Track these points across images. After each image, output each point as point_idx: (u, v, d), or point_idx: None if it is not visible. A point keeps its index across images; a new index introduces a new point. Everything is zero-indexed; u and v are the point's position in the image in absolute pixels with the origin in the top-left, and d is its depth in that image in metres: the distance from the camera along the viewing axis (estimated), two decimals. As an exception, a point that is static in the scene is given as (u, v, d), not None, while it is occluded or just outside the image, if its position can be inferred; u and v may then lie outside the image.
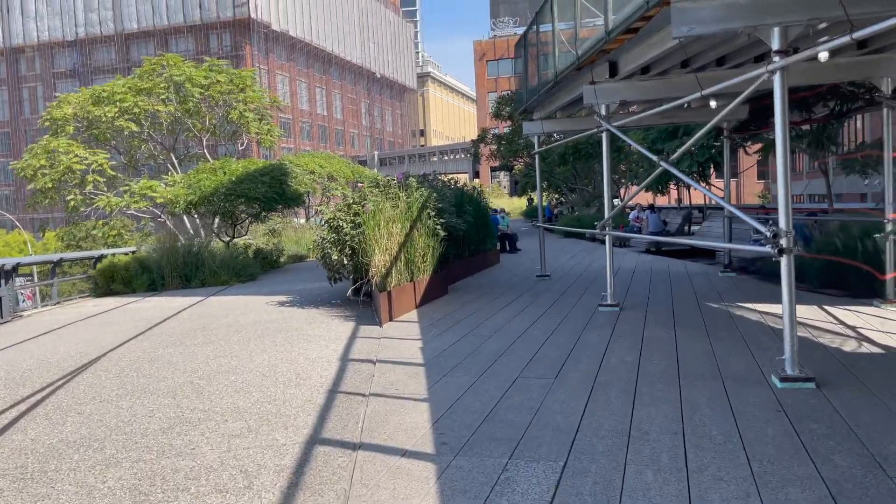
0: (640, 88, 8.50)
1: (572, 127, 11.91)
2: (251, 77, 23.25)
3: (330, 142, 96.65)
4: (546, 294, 10.51)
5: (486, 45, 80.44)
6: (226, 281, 15.89)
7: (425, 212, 10.36)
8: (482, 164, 59.55)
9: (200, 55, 55.32)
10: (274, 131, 24.07)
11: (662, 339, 6.86)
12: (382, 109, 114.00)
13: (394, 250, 9.33)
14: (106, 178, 20.20)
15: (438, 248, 10.47)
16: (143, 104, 20.34)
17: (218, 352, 7.54)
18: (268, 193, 17.98)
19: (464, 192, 13.98)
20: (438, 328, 8.06)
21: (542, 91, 10.34)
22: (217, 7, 79.26)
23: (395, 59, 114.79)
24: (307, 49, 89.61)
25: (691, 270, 12.80)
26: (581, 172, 31.81)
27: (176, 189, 18.00)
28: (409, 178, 11.12)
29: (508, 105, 29.50)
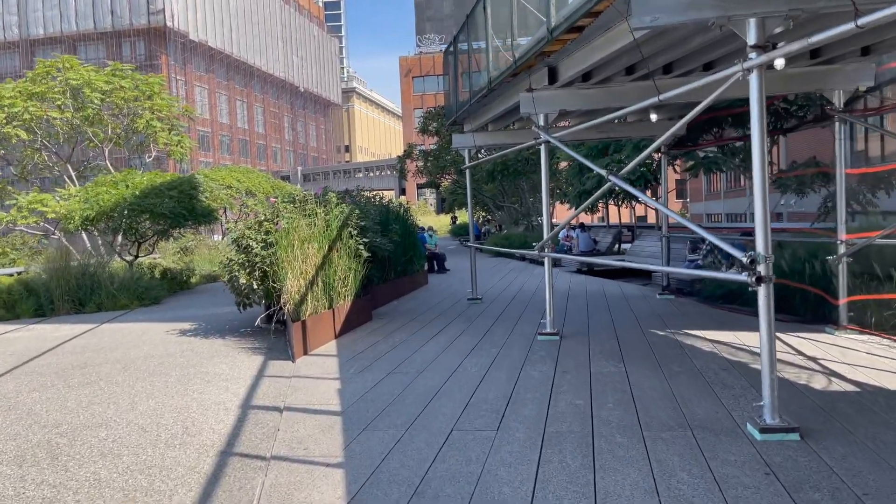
0: (582, 97, 7.83)
1: (506, 140, 11.18)
2: (159, 84, 21.59)
3: (251, 156, 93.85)
4: (479, 320, 9.66)
5: (411, 61, 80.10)
6: (126, 305, 14.35)
7: (346, 230, 9.36)
8: (408, 181, 58.75)
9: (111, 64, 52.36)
10: (185, 142, 22.40)
11: (612, 375, 6.10)
12: (306, 124, 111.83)
13: (310, 274, 8.28)
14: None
15: (361, 270, 9.48)
16: (34, 110, 18.41)
17: (94, 396, 6.28)
18: (176, 209, 16.48)
19: (389, 210, 13.05)
20: (360, 363, 7.06)
21: (475, 100, 9.57)
22: (130, 14, 75.84)
23: (320, 74, 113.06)
24: (227, 60, 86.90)
25: (628, 293, 12.28)
26: (508, 190, 31.46)
27: (71, 203, 16.26)
28: (329, 192, 10.10)
29: (435, 120, 28.85)
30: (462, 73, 10.96)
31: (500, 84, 8.51)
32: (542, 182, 7.92)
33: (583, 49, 6.84)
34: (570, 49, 6.93)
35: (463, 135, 11.38)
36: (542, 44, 6.57)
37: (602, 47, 6.49)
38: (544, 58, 7.17)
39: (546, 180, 7.90)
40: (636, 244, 16.41)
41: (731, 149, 12.78)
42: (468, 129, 11.52)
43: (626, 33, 5.89)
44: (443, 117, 28.78)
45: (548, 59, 7.28)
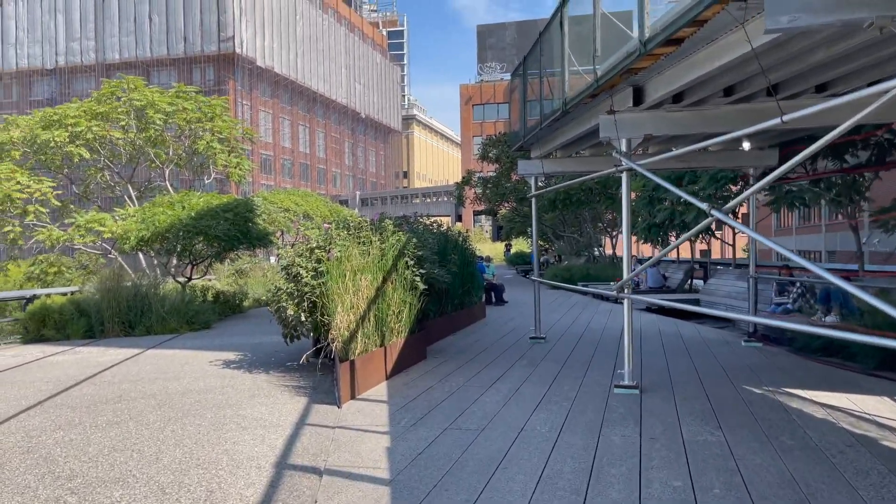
0: (670, 121, 6.96)
1: (575, 168, 10.34)
2: (221, 106, 21.60)
3: (311, 180, 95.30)
4: (545, 364, 8.76)
5: (472, 88, 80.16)
6: (175, 329, 14.02)
7: (402, 261, 8.65)
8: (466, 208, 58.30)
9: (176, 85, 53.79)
10: (244, 164, 22.30)
11: (711, 446, 5.13)
12: (366, 150, 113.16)
13: (361, 308, 7.57)
14: (50, 208, 18.23)
15: (416, 304, 8.74)
16: (98, 130, 18.55)
17: (119, 441, 5.67)
18: (230, 231, 16.16)
19: (448, 238, 12.32)
20: (412, 414, 6.26)
21: (546, 123, 8.79)
22: (202, 41, 78.39)
23: (381, 101, 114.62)
24: (292, 86, 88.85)
25: (707, 337, 11.16)
26: (568, 220, 30.44)
27: (128, 223, 16.13)
28: (385, 219, 9.43)
29: (495, 147, 28.18)
30: (530, 99, 10.21)
31: (577, 106, 7.70)
32: (623, 214, 7.04)
33: (677, 66, 5.99)
34: (662, 66, 6.09)
35: (529, 161, 10.59)
36: (631, 59, 5.75)
37: (701, 63, 5.63)
38: (630, 76, 6.34)
39: (627, 212, 7.01)
40: (712, 283, 15.21)
41: (827, 183, 11.61)
42: (535, 155, 10.73)
43: (734, 46, 5.03)
44: (503, 144, 28.09)
45: (634, 78, 6.45)
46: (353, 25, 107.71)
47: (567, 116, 8.42)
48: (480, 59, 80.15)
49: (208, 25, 77.61)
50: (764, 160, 9.68)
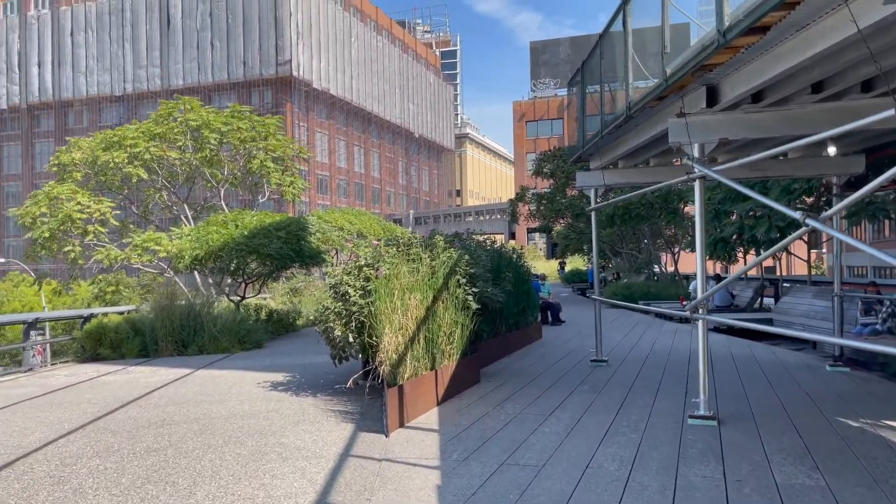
0: (749, 123, 6.30)
1: (639, 179, 9.70)
2: (275, 125, 21.71)
3: (366, 200, 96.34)
4: (609, 390, 8.11)
5: (525, 105, 79.70)
6: (227, 348, 13.86)
7: (454, 279, 8.17)
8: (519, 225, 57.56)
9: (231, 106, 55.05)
10: (297, 183, 22.35)
11: (810, 491, 4.44)
12: (420, 169, 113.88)
13: (410, 328, 7.12)
14: (109, 228, 18.54)
15: (469, 324, 8.24)
16: (155, 150, 18.85)
17: (154, 471, 5.33)
18: (282, 250, 16.04)
19: (502, 255, 11.79)
20: (465, 445, 5.74)
21: (606, 131, 8.22)
22: (260, 65, 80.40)
23: (434, 120, 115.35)
24: (347, 108, 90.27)
25: (786, 360, 10.27)
26: (626, 235, 29.48)
27: (182, 242, 16.19)
28: (436, 235, 8.99)
29: (550, 162, 27.57)
30: (589, 115, 9.65)
31: (642, 110, 7.12)
32: (696, 226, 6.40)
33: (759, 59, 5.37)
34: (740, 61, 5.48)
35: (589, 173, 10.00)
36: (707, 53, 5.17)
37: (788, 55, 5.00)
38: (704, 73, 5.74)
39: (701, 224, 6.37)
40: (786, 302, 14.20)
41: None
42: (595, 166, 10.13)
43: (830, 31, 4.40)
44: (558, 158, 27.46)
45: (708, 76, 5.85)
46: (407, 46, 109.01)
47: (630, 122, 7.84)
48: (534, 75, 79.68)
49: (266, 49, 79.63)
50: (849, 167, 8.85)
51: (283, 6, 78.62)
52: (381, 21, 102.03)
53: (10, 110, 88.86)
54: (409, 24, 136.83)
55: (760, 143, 8.79)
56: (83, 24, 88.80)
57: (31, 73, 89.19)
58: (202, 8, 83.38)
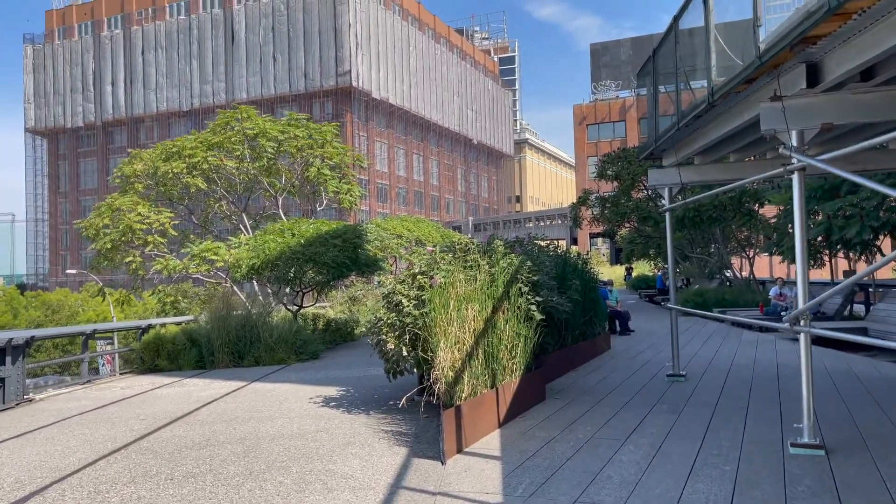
0: (859, 105, 5.43)
1: (718, 176, 8.79)
2: (332, 132, 21.50)
3: (426, 207, 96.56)
4: (690, 411, 7.27)
5: (586, 108, 78.12)
6: (283, 359, 13.58)
7: (515, 287, 7.51)
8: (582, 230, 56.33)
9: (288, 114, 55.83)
10: (354, 191, 22.07)
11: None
12: (479, 175, 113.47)
13: (468, 342, 6.49)
14: (168, 238, 18.63)
15: (533, 337, 7.55)
16: (213, 160, 18.86)
17: (191, 499, 4.87)
18: (338, 258, 15.70)
19: (567, 261, 11.05)
20: (531, 477, 5.07)
21: (684, 122, 7.41)
22: (321, 77, 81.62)
23: (493, 127, 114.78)
24: (406, 116, 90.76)
25: (892, 376, 9.15)
26: (696, 239, 28.08)
27: (240, 252, 16.05)
28: (495, 240, 8.35)
29: (614, 164, 26.50)
30: (664, 114, 8.82)
31: (725, 97, 6.31)
32: (795, 223, 5.55)
33: (874, 27, 4.54)
34: (850, 30, 4.65)
35: (662, 170, 9.15)
36: (812, 20, 4.38)
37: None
38: (805, 47, 4.93)
39: (801, 220, 5.52)
40: (881, 309, 12.93)
41: None
42: (668, 163, 9.29)
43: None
44: (623, 160, 26.36)
45: (810, 50, 5.03)
46: (465, 53, 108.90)
47: (711, 112, 7.02)
48: (594, 77, 78.03)
49: (327, 61, 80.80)
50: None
51: (343, 18, 79.67)
52: (439, 29, 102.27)
53: (87, 127, 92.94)
54: (466, 32, 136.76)
55: (858, 133, 7.82)
56: (153, 43, 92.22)
57: (104, 91, 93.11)
58: (265, 22, 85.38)
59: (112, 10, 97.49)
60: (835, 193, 13.70)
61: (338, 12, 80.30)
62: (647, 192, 26.61)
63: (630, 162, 25.54)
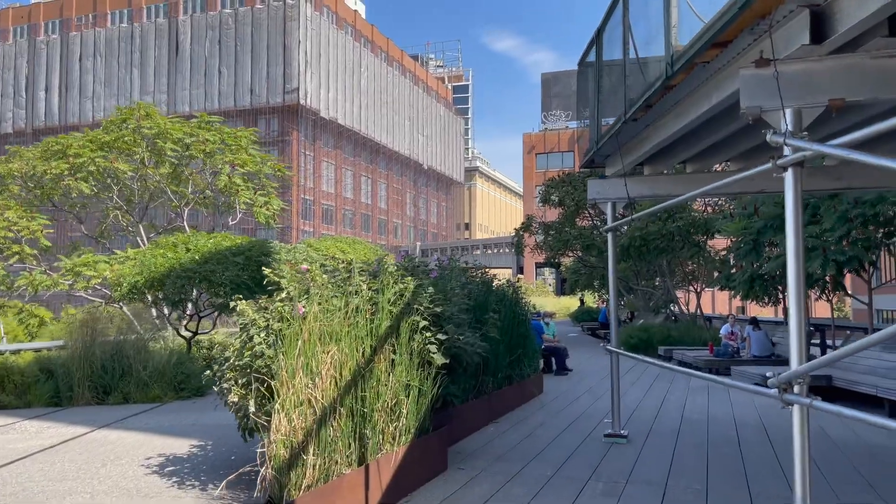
0: (881, 73, 3.76)
1: (673, 190, 7.10)
2: (248, 138, 19.35)
3: (373, 231, 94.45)
4: (634, 491, 5.43)
5: (535, 137, 77.83)
6: (158, 396, 11.39)
7: (408, 321, 5.60)
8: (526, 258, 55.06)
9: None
10: (273, 203, 19.84)
11: None
12: (428, 201, 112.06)
13: (321, 401, 4.53)
14: (40, 249, 16.11)
15: (430, 388, 5.64)
16: (102, 161, 16.49)
17: None
18: (238, 278, 13.53)
19: (490, 289, 9.22)
20: None
21: (632, 112, 5.68)
22: (268, 93, 79.30)
23: (444, 153, 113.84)
24: (355, 137, 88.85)
25: (872, 441, 7.52)
26: (642, 270, 26.77)
27: (124, 268, 13.73)
28: (386, 259, 6.48)
29: (558, 189, 25.06)
30: (611, 76, 7.09)
31: (691, 68, 4.60)
32: (789, 240, 3.81)
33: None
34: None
35: (605, 181, 7.43)
36: None
37: None
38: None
39: (797, 232, 3.79)
40: (841, 352, 11.47)
41: None
42: (613, 172, 7.58)
43: None
44: (567, 185, 24.97)
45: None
46: (418, 78, 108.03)
47: (668, 98, 5.31)
48: (545, 107, 77.85)
49: (274, 77, 78.56)
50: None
51: (292, 35, 77.67)
52: (392, 52, 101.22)
53: (16, 134, 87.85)
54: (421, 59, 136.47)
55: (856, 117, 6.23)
56: (92, 50, 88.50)
57: (37, 97, 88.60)
58: (211, 35, 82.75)
59: (50, 14, 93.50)
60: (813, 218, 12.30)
61: (287, 28, 78.27)
62: (592, 220, 25.24)
63: (574, 187, 24.13)
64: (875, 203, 11.09)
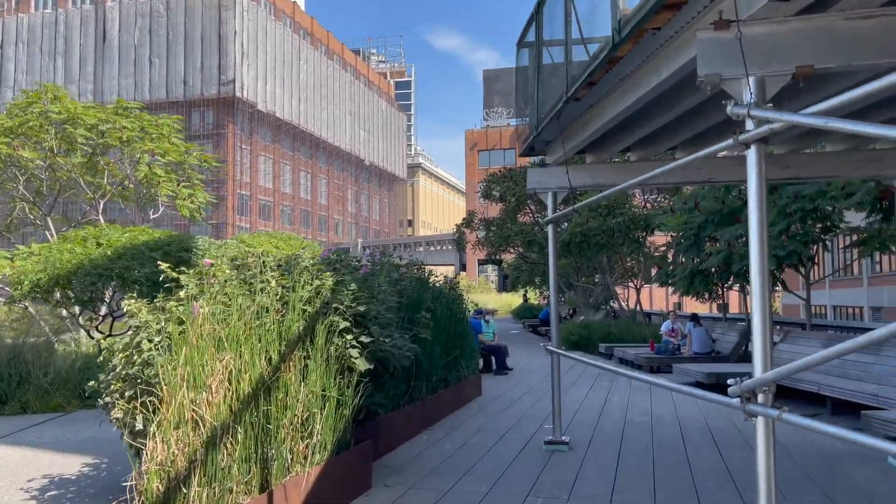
0: (854, 37, 3.30)
1: (617, 179, 6.63)
2: (171, 126, 18.15)
3: (313, 227, 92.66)
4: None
5: (478, 134, 77.69)
6: (60, 405, 10.39)
7: (324, 322, 4.93)
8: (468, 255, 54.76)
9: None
10: (198, 196, 18.66)
11: None
12: (370, 197, 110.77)
13: (209, 420, 3.81)
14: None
15: (352, 397, 4.99)
16: (4, 148, 15.05)
17: None
18: (155, 275, 12.47)
19: (426, 286, 8.61)
20: None
21: (574, 89, 5.15)
22: (202, 84, 76.75)
23: (386, 149, 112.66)
24: (294, 132, 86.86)
25: (824, 444, 7.23)
26: (582, 267, 26.65)
27: (26, 264, 12.50)
28: (301, 254, 5.81)
29: (500, 184, 24.68)
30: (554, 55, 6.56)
31: (640, 35, 4.07)
32: (752, 228, 3.32)
33: None
34: None
35: (546, 170, 6.90)
36: None
37: None
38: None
39: (761, 222, 3.30)
40: (783, 350, 11.34)
41: None
42: (553, 160, 7.06)
43: None
44: (509, 180, 24.61)
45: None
46: (359, 73, 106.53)
47: (613, 74, 4.79)
48: (487, 104, 77.77)
49: (209, 69, 76.07)
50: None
51: (228, 25, 75.23)
52: (333, 46, 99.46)
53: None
54: (363, 53, 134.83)
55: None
56: (13, 37, 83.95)
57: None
58: (141, 23, 79.48)
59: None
60: (734, 218, 12.14)
61: (222, 18, 75.78)
62: (533, 216, 24.96)
63: (516, 183, 23.79)
64: (815, 197, 10.99)
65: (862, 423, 7.40)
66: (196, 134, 72.47)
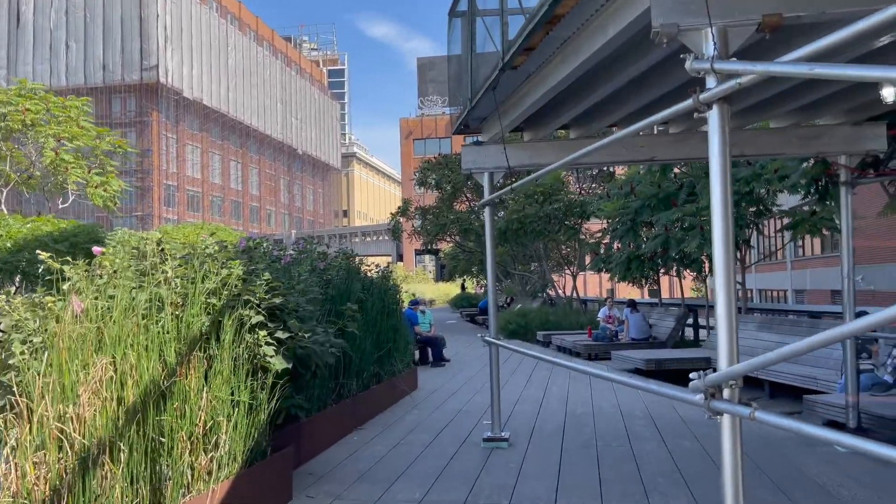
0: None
1: (558, 157, 6.21)
2: (79, 108, 16.86)
3: (244, 218, 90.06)
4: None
5: (412, 123, 76.91)
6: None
7: (233, 316, 4.32)
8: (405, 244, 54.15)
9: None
10: (112, 184, 17.42)
11: None
12: (304, 187, 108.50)
13: (93, 430, 3.18)
14: None
15: (267, 400, 4.40)
16: None
17: None
18: (61, 269, 11.47)
19: (355, 276, 8.04)
20: None
21: (511, 53, 4.67)
22: (123, 70, 73.26)
23: (319, 138, 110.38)
24: (223, 120, 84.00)
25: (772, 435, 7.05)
26: (519, 254, 26.50)
27: (-88, 258, 11.27)
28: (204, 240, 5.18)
29: (436, 172, 24.20)
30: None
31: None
32: (715, 203, 2.94)
33: None
34: None
35: (481, 148, 6.42)
36: None
37: None
38: None
39: (725, 195, 2.92)
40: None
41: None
42: (489, 137, 6.60)
43: None
44: (444, 167, 24.16)
45: None
46: (291, 60, 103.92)
47: (553, 35, 4.33)
48: (421, 92, 77.00)
49: (130, 53, 72.66)
50: (864, 142, 5.83)
51: (149, 8, 71.92)
52: (262, 32, 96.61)
53: None
54: (294, 41, 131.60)
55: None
56: (-84, 16, 78.16)
57: None
58: (57, 5, 75.23)
59: None
60: (671, 202, 12.01)
61: (143, 1, 72.36)
62: (469, 204, 24.61)
63: (451, 170, 23.37)
64: (749, 181, 10.91)
65: (804, 408, 7.28)
66: (118, 121, 69.19)
